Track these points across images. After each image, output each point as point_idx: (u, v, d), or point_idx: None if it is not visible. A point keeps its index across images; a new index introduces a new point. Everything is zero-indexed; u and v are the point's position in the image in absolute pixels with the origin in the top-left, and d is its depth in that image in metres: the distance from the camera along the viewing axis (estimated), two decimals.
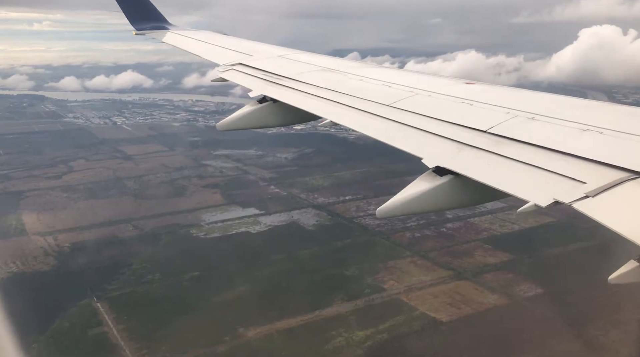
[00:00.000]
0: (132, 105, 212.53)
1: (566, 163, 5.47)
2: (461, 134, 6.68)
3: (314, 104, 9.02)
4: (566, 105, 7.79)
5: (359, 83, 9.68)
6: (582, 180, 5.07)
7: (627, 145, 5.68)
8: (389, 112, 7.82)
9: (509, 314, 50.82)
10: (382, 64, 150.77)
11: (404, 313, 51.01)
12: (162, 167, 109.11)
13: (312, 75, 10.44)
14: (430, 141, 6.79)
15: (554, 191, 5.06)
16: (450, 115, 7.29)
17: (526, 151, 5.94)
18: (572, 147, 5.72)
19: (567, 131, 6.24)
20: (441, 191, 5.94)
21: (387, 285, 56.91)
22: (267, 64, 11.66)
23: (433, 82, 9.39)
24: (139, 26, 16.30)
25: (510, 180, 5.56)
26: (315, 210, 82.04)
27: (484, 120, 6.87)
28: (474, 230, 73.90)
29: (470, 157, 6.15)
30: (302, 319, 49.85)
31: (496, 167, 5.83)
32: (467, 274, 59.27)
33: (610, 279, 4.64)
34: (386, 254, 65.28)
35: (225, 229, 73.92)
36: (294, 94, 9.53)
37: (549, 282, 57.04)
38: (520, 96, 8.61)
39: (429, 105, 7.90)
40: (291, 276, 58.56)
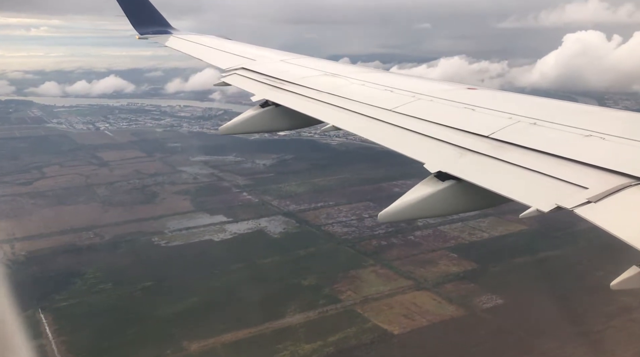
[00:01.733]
0: (118, 111, 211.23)
1: (568, 168, 5.46)
2: (463, 139, 6.65)
3: (316, 108, 8.98)
4: (568, 110, 7.79)
5: (361, 88, 9.67)
6: (584, 185, 5.05)
7: (629, 151, 5.68)
8: (391, 116, 7.80)
9: (463, 326, 49.36)
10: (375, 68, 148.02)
11: (355, 325, 49.52)
12: (136, 173, 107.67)
13: (314, 79, 10.40)
14: (432, 146, 6.76)
15: (556, 196, 5.04)
16: (452, 120, 7.27)
17: (528, 156, 5.93)
18: (574, 152, 5.69)
19: (569, 137, 6.22)
20: (443, 196, 5.93)
21: (343, 295, 55.43)
22: (269, 69, 11.60)
23: (435, 87, 9.33)
24: (142, 30, 16.21)
25: (512, 185, 5.56)
26: (285, 217, 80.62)
27: (486, 126, 6.86)
28: (442, 238, 72.52)
29: (472, 162, 6.13)
30: (251, 332, 48.35)
31: (498, 172, 5.83)
32: (427, 284, 57.82)
33: (613, 285, 4.57)
34: (348, 263, 63.86)
35: (188, 237, 72.43)
36: (296, 99, 9.50)
37: (511, 293, 55.65)
38: (523, 101, 8.59)
39: (431, 110, 7.87)
40: (247, 286, 57.01)
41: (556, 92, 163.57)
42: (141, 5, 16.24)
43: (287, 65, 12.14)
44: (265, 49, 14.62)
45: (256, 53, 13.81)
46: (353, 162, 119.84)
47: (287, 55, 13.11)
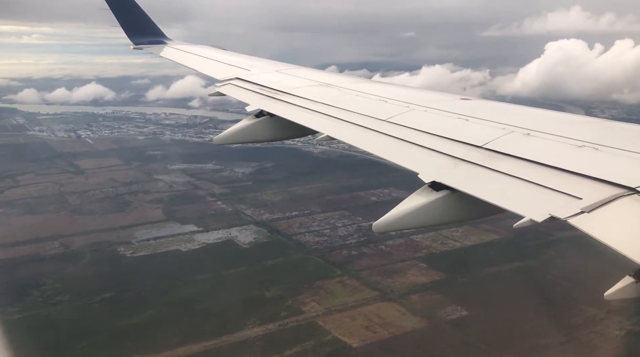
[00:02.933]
0: (102, 119, 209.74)
1: (562, 179, 5.49)
2: (457, 149, 6.67)
3: (311, 118, 9.00)
4: (561, 121, 7.84)
5: (355, 98, 9.68)
6: (577, 196, 5.07)
7: (622, 161, 5.73)
8: (386, 127, 7.80)
9: (425, 338, 48.32)
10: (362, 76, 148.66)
11: (314, 338, 48.37)
12: (111, 182, 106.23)
13: (308, 90, 10.43)
14: (426, 156, 6.78)
15: (550, 206, 5.06)
16: (446, 130, 7.27)
17: (522, 167, 5.96)
18: (568, 163, 5.74)
19: (563, 147, 6.27)
20: (437, 206, 5.93)
21: (306, 307, 54.27)
22: (264, 79, 11.63)
23: (429, 98, 9.36)
24: (136, 40, 16.18)
25: (506, 195, 5.56)
26: (257, 227, 79.46)
27: (479, 136, 6.87)
28: (414, 248, 71.55)
29: (466, 172, 6.16)
30: (206, 346, 47.07)
31: (492, 183, 5.84)
32: (393, 295, 56.80)
33: (606, 295, 4.60)
34: (316, 273, 62.77)
35: (155, 247, 71.09)
36: (291, 109, 9.48)
37: (477, 304, 54.71)
38: (516, 112, 8.64)
39: (425, 120, 7.90)
40: (208, 298, 55.80)
41: (537, 101, 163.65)
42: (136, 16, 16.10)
43: (282, 75, 12.13)
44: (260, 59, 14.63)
45: (250, 63, 13.78)
46: (333, 170, 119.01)
47: (281, 66, 13.13)
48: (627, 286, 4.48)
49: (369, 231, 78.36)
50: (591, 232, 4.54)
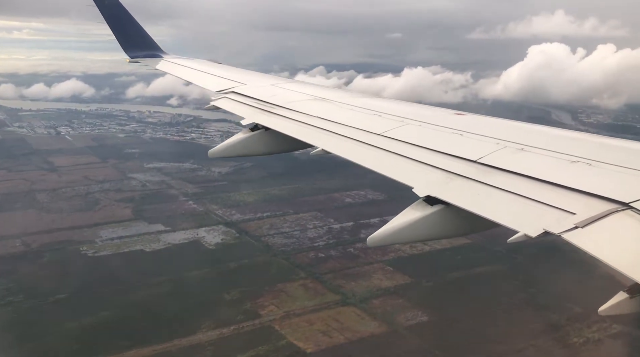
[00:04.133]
0: (85, 116, 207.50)
1: (555, 194, 5.54)
2: (451, 163, 6.70)
3: (306, 132, 8.96)
4: (555, 136, 8.04)
5: (350, 112, 9.66)
6: (571, 211, 5.10)
7: (615, 176, 5.78)
8: (380, 141, 7.80)
9: (381, 344, 47.39)
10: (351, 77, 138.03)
11: (268, 343, 47.30)
12: (84, 180, 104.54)
13: (304, 104, 10.40)
14: (420, 170, 6.78)
15: (544, 221, 5.09)
16: (440, 145, 7.30)
17: (516, 181, 5.99)
18: (561, 178, 5.78)
19: (556, 162, 6.31)
20: (432, 221, 5.91)
21: (264, 311, 53.19)
22: (259, 93, 11.64)
23: (423, 112, 9.40)
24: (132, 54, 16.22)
25: (500, 210, 5.58)
26: (226, 227, 78.26)
27: (473, 150, 6.90)
28: (383, 251, 70.42)
29: (461, 186, 6.18)
30: (155, 349, 45.88)
31: (486, 197, 5.84)
32: (354, 299, 55.84)
33: (600, 311, 4.60)
34: (279, 276, 61.67)
35: (118, 247, 69.71)
36: (286, 123, 9.47)
37: (439, 309, 53.93)
38: (510, 127, 8.64)
39: (419, 134, 7.90)
40: (165, 300, 54.58)
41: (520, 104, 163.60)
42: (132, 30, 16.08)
43: (277, 89, 12.11)
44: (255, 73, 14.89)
45: (246, 77, 13.84)
46: (311, 171, 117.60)
47: (276, 80, 13.28)
48: (621, 301, 4.44)
49: (339, 233, 77.61)
50: (585, 248, 4.53)
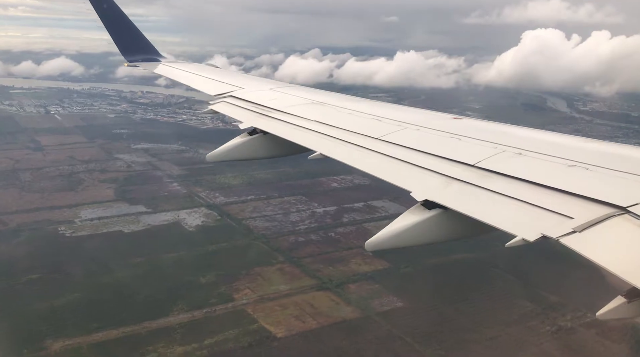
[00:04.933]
0: (77, 95, 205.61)
1: (553, 198, 5.52)
2: (449, 168, 6.70)
3: (304, 136, 8.97)
4: (552, 140, 8.03)
5: (348, 116, 9.71)
6: (569, 215, 5.09)
7: (612, 181, 5.82)
8: (379, 145, 7.81)
9: (353, 329, 47.13)
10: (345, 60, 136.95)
11: (240, 326, 46.99)
12: (69, 160, 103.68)
13: (302, 108, 10.40)
14: (418, 175, 6.77)
15: (542, 225, 5.07)
16: (438, 149, 7.30)
17: (514, 186, 5.98)
18: (559, 182, 5.78)
19: (554, 166, 6.35)
20: (430, 225, 5.92)
21: (238, 294, 52.85)
22: (257, 97, 11.60)
23: (421, 117, 9.37)
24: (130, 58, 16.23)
25: (498, 214, 5.56)
26: (208, 210, 77.69)
27: (471, 155, 6.88)
28: (364, 235, 69.55)
29: (459, 191, 6.17)
30: (125, 331, 45.53)
31: (484, 202, 5.87)
32: (330, 284, 55.50)
33: (598, 315, 4.62)
34: (257, 259, 61.26)
35: (97, 227, 69.15)
36: (285, 127, 9.47)
37: (414, 295, 53.64)
38: (508, 131, 8.66)
39: (417, 139, 7.92)
40: (139, 282, 54.18)
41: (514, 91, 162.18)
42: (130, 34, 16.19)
43: (275, 93, 12.09)
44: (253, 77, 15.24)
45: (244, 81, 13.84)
46: (299, 156, 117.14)
47: (275, 84, 13.21)
48: (619, 306, 4.45)
49: (322, 217, 77.12)
50: (583, 252, 4.50)
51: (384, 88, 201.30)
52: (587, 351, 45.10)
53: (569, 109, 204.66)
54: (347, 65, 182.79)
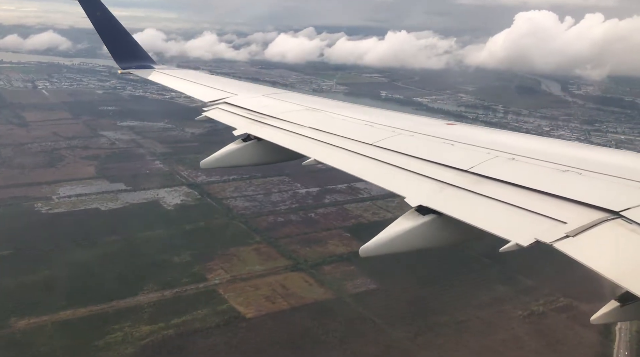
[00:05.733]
0: (67, 70, 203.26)
1: (546, 203, 5.55)
2: (443, 173, 6.76)
3: (299, 142, 8.97)
4: (545, 146, 8.18)
5: (342, 122, 9.68)
6: (562, 220, 5.15)
7: (605, 186, 5.85)
8: (373, 151, 7.89)
9: (323, 311, 46.88)
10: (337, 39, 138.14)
11: (209, 307, 46.66)
12: (53, 136, 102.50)
13: (296, 114, 10.37)
14: (412, 180, 6.83)
15: (535, 230, 5.13)
16: (431, 154, 7.38)
17: (507, 191, 6.00)
18: (552, 187, 5.81)
19: (547, 171, 6.37)
20: (424, 230, 5.91)
21: (211, 274, 52.44)
22: (251, 103, 11.51)
23: (414, 123, 9.45)
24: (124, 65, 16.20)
25: (491, 219, 5.58)
26: (189, 189, 77.00)
27: (465, 160, 6.95)
28: (343, 217, 69.88)
29: (452, 196, 6.19)
30: (92, 310, 45.14)
31: (478, 207, 5.89)
32: (305, 265, 55.13)
33: (593, 320, 4.73)
34: (233, 239, 60.81)
35: (74, 204, 68.44)
36: (279, 133, 9.45)
37: (389, 278, 53.17)
38: (500, 137, 8.79)
39: (411, 144, 7.99)
40: (112, 260, 53.69)
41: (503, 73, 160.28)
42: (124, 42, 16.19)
43: (269, 99, 12.05)
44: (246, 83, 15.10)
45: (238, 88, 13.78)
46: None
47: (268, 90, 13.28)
48: (612, 310, 4.50)
49: (304, 197, 76.55)
50: (576, 257, 4.48)
51: (375, 68, 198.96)
52: (557, 335, 44.98)
53: (562, 93, 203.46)
54: (338, 44, 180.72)
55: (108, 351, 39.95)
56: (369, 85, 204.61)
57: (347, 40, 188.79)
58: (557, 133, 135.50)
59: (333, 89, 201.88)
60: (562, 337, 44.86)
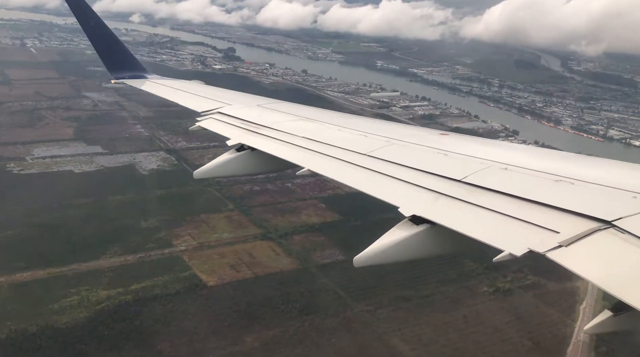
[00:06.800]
0: (58, 29, 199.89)
1: (539, 213, 5.56)
2: (437, 183, 6.77)
3: (292, 152, 9.02)
4: (538, 155, 8.50)
5: (336, 132, 9.77)
6: (555, 230, 5.16)
7: (598, 195, 5.90)
8: (366, 161, 7.91)
9: (286, 281, 46.32)
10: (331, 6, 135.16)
11: (171, 273, 46.09)
12: (35, 95, 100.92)
13: (290, 124, 10.54)
14: (406, 190, 6.82)
15: (528, 240, 5.12)
16: (425, 164, 7.41)
17: (500, 200, 6.03)
18: (545, 197, 5.83)
19: (540, 181, 6.41)
20: (418, 240, 5.92)
21: (178, 241, 51.78)
22: (245, 113, 11.63)
23: (408, 132, 9.64)
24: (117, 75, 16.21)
25: (485, 229, 5.59)
26: (166, 154, 75.97)
27: (458, 170, 6.98)
28: (321, 188, 68.81)
29: (446, 206, 6.21)
30: (51, 272, 44.60)
31: (471, 217, 5.90)
32: (275, 235, 54.42)
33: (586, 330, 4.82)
34: (206, 206, 60.03)
35: (48, 165, 67.46)
36: (272, 143, 9.52)
37: (358, 249, 51.91)
38: (494, 147, 8.96)
39: (404, 154, 8.07)
40: (78, 223, 52.99)
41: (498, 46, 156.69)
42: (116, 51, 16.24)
43: (263, 109, 12.13)
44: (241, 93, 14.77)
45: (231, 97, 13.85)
46: None
47: (262, 100, 13.25)
48: (605, 319, 4.55)
49: None
50: (569, 266, 4.55)
51: (370, 37, 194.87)
52: (520, 313, 44.57)
53: (561, 68, 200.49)
54: (332, 11, 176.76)
55: (62, 314, 39.48)
56: (366, 55, 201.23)
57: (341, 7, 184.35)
58: (550, 109, 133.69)
59: (328, 57, 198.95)
60: (526, 315, 44.44)
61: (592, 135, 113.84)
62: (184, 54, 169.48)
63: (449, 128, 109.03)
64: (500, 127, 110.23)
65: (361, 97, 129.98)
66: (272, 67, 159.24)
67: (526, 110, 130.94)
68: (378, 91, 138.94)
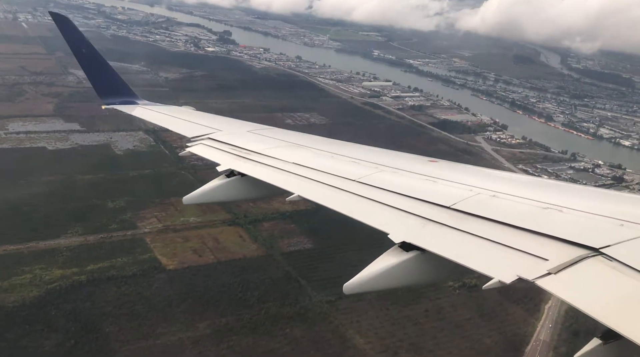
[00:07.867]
0: (54, 4, 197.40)
1: (528, 240, 5.60)
2: (426, 209, 6.78)
3: (282, 178, 8.94)
4: (526, 183, 8.72)
5: (325, 159, 9.80)
6: (543, 257, 5.18)
7: (585, 223, 5.93)
8: (356, 187, 7.87)
9: (247, 267, 45.46)
10: None
11: (131, 255, 45.22)
12: (19, 70, 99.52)
13: (280, 150, 10.44)
14: (396, 216, 6.80)
15: (518, 267, 5.12)
16: (414, 191, 7.41)
17: (489, 227, 6.06)
18: (534, 224, 5.88)
19: (528, 209, 6.46)
20: (407, 267, 5.87)
21: (143, 223, 50.85)
22: (235, 139, 11.48)
23: (397, 159, 9.64)
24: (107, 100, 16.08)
25: (474, 256, 5.58)
26: (144, 135, 74.69)
27: (447, 197, 7.00)
28: None
29: (435, 232, 6.23)
30: (7, 249, 43.72)
31: (460, 243, 5.91)
32: (243, 220, 53.49)
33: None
34: (176, 189, 58.70)
35: (21, 141, 66.38)
36: (263, 169, 9.49)
37: (327, 238, 51.64)
38: (482, 174, 9.07)
39: (394, 181, 8.07)
40: (43, 201, 51.97)
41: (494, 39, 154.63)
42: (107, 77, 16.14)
43: (253, 135, 12.14)
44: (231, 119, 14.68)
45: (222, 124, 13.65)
46: (265, 87, 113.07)
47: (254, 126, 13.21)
48: (594, 347, 4.44)
49: None
50: (558, 294, 4.58)
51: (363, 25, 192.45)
52: (484, 309, 43.78)
53: (560, 65, 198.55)
54: None
55: (11, 292, 38.63)
56: (363, 44, 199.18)
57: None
58: (542, 105, 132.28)
59: (325, 44, 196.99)
60: (489, 311, 43.65)
61: (582, 133, 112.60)
62: (178, 35, 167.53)
63: (437, 119, 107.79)
64: (489, 121, 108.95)
65: (352, 86, 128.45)
66: (266, 51, 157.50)
67: (518, 105, 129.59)
68: (371, 80, 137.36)
